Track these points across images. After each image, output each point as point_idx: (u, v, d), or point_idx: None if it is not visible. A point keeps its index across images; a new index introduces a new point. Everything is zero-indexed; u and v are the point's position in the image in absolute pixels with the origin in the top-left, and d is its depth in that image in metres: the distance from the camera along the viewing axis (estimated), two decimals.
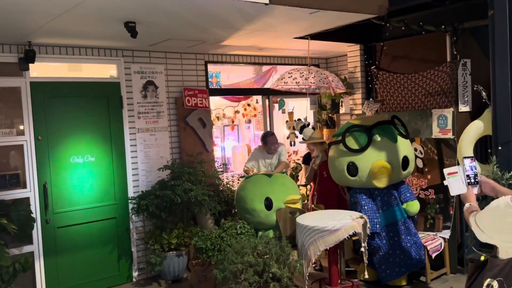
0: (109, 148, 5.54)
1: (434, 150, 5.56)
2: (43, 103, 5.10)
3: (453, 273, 5.39)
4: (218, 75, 7.78)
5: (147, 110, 5.78)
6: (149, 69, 5.80)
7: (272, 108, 7.57)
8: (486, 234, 2.43)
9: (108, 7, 3.70)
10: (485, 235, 2.43)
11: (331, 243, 4.27)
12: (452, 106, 5.30)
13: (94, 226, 5.44)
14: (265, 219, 5.14)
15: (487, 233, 2.43)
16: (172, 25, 4.47)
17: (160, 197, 5.25)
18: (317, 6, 4.06)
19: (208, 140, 6.24)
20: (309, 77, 4.96)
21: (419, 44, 5.79)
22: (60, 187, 5.21)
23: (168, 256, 5.34)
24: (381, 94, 6.11)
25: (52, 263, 5.16)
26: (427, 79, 5.53)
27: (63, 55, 5.23)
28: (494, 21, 3.62)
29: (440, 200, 5.49)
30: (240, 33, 5.03)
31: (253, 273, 3.97)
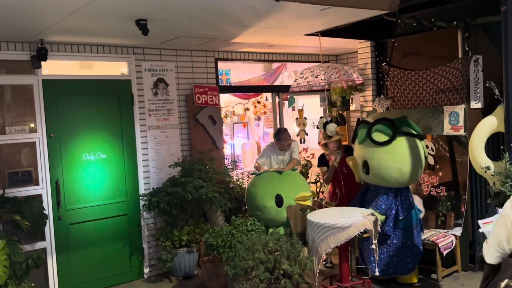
0: (120, 145, 5.57)
1: (446, 147, 5.53)
2: (55, 101, 5.14)
3: (464, 270, 5.36)
4: (228, 72, 7.80)
5: (158, 108, 5.81)
6: (159, 66, 5.83)
7: (282, 105, 7.56)
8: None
9: (120, 5, 3.72)
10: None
11: (342, 240, 4.27)
12: (463, 102, 5.26)
13: (106, 223, 5.48)
14: (275, 216, 5.15)
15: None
16: (182, 22, 4.48)
17: (171, 194, 5.28)
18: (328, 2, 4.04)
19: (218, 138, 6.25)
20: (320, 74, 4.98)
21: (430, 40, 5.75)
22: (72, 184, 5.26)
23: (179, 253, 5.37)
24: (392, 91, 6.08)
25: (64, 259, 5.21)
26: (439, 75, 5.49)
27: (75, 53, 5.26)
28: (507, 17, 3.57)
29: (452, 197, 5.47)
30: (250, 30, 5.03)
31: (264, 270, 3.98)
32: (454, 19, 5.21)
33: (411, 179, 4.87)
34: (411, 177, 4.82)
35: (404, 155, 4.76)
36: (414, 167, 4.79)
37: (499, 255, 2.47)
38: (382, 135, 4.80)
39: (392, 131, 4.76)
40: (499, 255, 2.47)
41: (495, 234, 2.50)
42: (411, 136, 4.81)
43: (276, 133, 5.89)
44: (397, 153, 4.77)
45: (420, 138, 4.88)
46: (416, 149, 4.81)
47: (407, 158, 4.75)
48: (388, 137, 4.75)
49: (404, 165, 4.75)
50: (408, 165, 4.76)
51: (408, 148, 4.78)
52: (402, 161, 4.74)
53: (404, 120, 4.93)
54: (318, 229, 4.35)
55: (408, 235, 4.88)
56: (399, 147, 4.77)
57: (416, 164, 4.80)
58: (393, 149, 4.77)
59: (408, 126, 4.88)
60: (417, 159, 4.80)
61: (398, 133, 4.76)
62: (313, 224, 4.41)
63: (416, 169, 4.82)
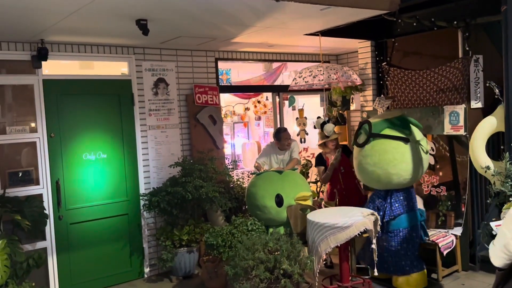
0: (120, 145, 5.58)
1: (446, 147, 5.53)
2: (55, 101, 5.14)
3: (464, 270, 5.36)
4: (228, 72, 7.80)
5: (158, 108, 5.81)
6: (160, 66, 5.83)
7: (282, 105, 7.56)
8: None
9: (120, 5, 3.72)
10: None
11: (342, 240, 4.27)
12: (464, 102, 5.26)
13: (106, 223, 5.49)
14: (275, 216, 5.15)
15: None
16: (183, 22, 4.49)
17: (171, 194, 5.29)
18: (328, 2, 4.04)
19: (218, 137, 6.25)
20: (318, 74, 5.02)
21: (430, 40, 5.75)
22: (72, 183, 5.26)
23: (179, 253, 5.38)
24: (392, 90, 6.08)
25: (65, 259, 5.22)
26: (439, 75, 5.49)
27: (75, 52, 5.27)
28: (507, 17, 3.58)
29: (452, 197, 5.46)
30: (250, 30, 5.03)
31: (264, 270, 3.98)
32: (454, 19, 5.21)
33: (390, 182, 4.78)
34: (388, 179, 4.75)
35: (376, 158, 4.74)
36: (390, 169, 4.71)
37: (506, 257, 2.44)
38: (362, 137, 4.87)
39: (367, 134, 4.81)
40: (506, 257, 2.44)
41: (502, 235, 2.46)
42: (388, 139, 4.75)
43: (275, 133, 5.89)
44: (369, 155, 4.80)
45: (404, 140, 4.74)
46: (393, 152, 4.71)
47: (380, 161, 4.72)
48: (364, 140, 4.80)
49: (376, 167, 4.75)
50: (382, 167, 4.72)
51: (381, 151, 4.74)
52: (374, 164, 4.75)
53: (397, 120, 4.87)
54: (318, 228, 4.35)
55: (400, 239, 4.84)
56: (371, 150, 4.80)
57: (391, 167, 4.70)
58: (366, 151, 4.83)
59: (396, 128, 4.81)
60: (392, 161, 4.69)
61: (372, 135, 4.77)
62: (313, 224, 4.41)
63: (395, 171, 4.71)
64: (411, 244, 4.88)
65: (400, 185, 4.82)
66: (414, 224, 4.91)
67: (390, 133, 4.80)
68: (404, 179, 4.75)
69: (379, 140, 4.79)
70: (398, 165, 4.70)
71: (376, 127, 4.84)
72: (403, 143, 4.74)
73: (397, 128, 4.82)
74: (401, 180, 4.75)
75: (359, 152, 4.94)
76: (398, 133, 4.78)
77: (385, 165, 4.72)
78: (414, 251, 4.89)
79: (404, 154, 4.72)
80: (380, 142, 4.79)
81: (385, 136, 4.78)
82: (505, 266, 2.49)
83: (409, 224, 4.88)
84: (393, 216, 4.84)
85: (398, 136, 4.77)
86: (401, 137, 4.76)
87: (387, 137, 4.77)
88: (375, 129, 4.82)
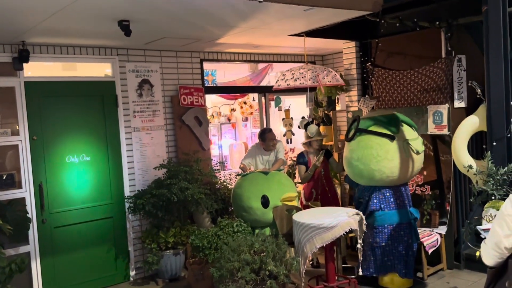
0: (104, 147, 5.52)
1: (430, 146, 5.56)
2: (37, 103, 5.08)
3: (449, 268, 5.41)
4: (214, 73, 7.79)
5: (143, 109, 5.77)
6: (144, 67, 5.79)
7: (268, 106, 7.57)
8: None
9: (101, 5, 3.69)
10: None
11: (327, 240, 4.29)
12: (447, 102, 5.30)
13: (91, 226, 5.43)
14: (261, 217, 5.15)
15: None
16: (166, 23, 4.46)
17: (157, 196, 5.25)
18: (311, 3, 4.05)
19: (204, 139, 6.23)
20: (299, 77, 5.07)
21: (414, 40, 5.79)
22: (56, 187, 5.20)
23: (165, 255, 5.34)
24: (376, 90, 6.11)
25: (48, 263, 5.15)
26: (423, 75, 5.54)
27: (58, 54, 5.21)
28: (488, 17, 3.62)
29: (436, 196, 5.50)
30: (235, 30, 5.02)
31: (249, 271, 3.97)
32: (436, 19, 5.26)
33: (373, 178, 4.77)
34: (370, 175, 4.76)
35: (360, 153, 4.78)
36: (372, 165, 4.71)
37: (498, 255, 2.44)
38: (351, 131, 4.90)
39: (354, 129, 4.85)
40: (498, 255, 2.44)
41: (493, 233, 2.46)
42: (373, 135, 4.76)
43: (260, 134, 5.89)
44: (354, 150, 4.84)
45: (389, 137, 4.71)
46: (376, 147, 4.70)
47: (363, 156, 4.75)
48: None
49: (360, 162, 4.78)
50: (364, 163, 4.74)
51: (365, 146, 4.76)
52: (358, 158, 4.79)
53: (388, 118, 4.85)
54: (304, 229, 4.36)
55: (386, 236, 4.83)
56: (357, 145, 4.84)
57: (374, 163, 4.70)
58: (353, 146, 4.87)
59: (384, 125, 4.78)
60: (375, 157, 4.69)
61: (358, 130, 4.81)
62: (299, 224, 4.41)
63: (376, 167, 4.70)
64: (398, 242, 4.83)
65: (383, 182, 4.79)
66: (402, 222, 4.85)
67: (376, 129, 4.79)
68: (386, 176, 4.73)
69: (365, 135, 4.81)
70: (380, 162, 4.69)
71: (363, 123, 4.86)
72: (388, 140, 4.72)
73: (384, 125, 4.79)
74: (383, 177, 4.73)
75: (347, 147, 5.00)
76: (384, 130, 4.76)
77: (367, 160, 4.73)
78: (403, 250, 4.82)
79: (389, 151, 4.70)
80: (366, 137, 4.80)
81: (371, 132, 4.79)
82: (497, 265, 2.49)
83: (396, 222, 4.84)
84: (368, 212, 4.82)
85: (383, 133, 4.74)
86: (386, 134, 4.73)
87: (372, 133, 4.78)
88: (362, 125, 4.84)
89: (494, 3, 3.57)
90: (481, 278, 5.05)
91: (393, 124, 4.81)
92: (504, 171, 3.49)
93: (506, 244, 2.39)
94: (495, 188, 3.47)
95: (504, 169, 3.49)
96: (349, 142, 4.92)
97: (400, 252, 4.83)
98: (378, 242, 4.83)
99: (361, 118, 4.94)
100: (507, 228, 2.38)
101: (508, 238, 2.38)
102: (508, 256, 2.45)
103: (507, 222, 2.39)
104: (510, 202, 2.42)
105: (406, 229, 4.85)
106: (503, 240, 2.39)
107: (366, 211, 4.84)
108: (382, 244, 4.82)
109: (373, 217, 4.83)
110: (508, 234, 2.38)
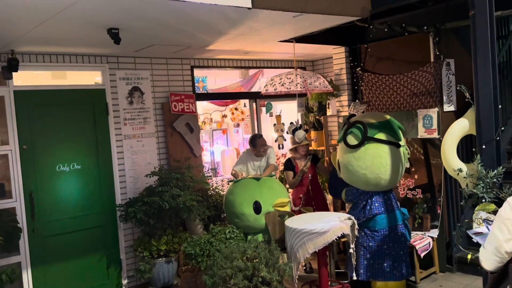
0: (95, 155, 5.50)
1: (421, 150, 5.60)
2: (27, 112, 5.05)
3: (442, 272, 5.43)
4: (205, 79, 7.78)
5: (134, 117, 5.76)
6: (134, 75, 5.78)
7: (259, 112, 7.57)
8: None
9: (90, 14, 3.68)
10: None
11: (320, 245, 4.28)
12: (437, 106, 5.34)
13: (82, 235, 5.39)
14: (254, 223, 5.13)
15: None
16: (155, 30, 4.46)
17: (148, 204, 5.22)
18: (300, 9, 4.08)
19: (195, 145, 6.22)
20: (287, 82, 5.08)
21: (403, 45, 5.83)
22: (46, 196, 5.16)
23: (157, 263, 5.31)
24: (366, 95, 6.15)
25: (40, 273, 5.10)
26: (412, 79, 5.58)
27: (47, 63, 5.19)
28: (475, 21, 3.66)
29: (428, 199, 5.53)
30: (225, 37, 5.03)
31: (242, 278, 3.95)
32: (424, 24, 5.30)
33: (378, 185, 4.76)
34: (377, 183, 4.73)
35: (369, 162, 4.66)
36: (381, 174, 4.68)
37: (498, 259, 2.40)
38: (353, 138, 4.77)
39: (362, 136, 4.72)
40: (498, 260, 2.40)
41: (493, 237, 2.42)
42: (382, 143, 4.70)
43: (251, 140, 5.91)
44: (361, 158, 4.70)
45: (396, 145, 4.71)
46: (386, 157, 4.67)
47: (372, 165, 4.65)
48: (357, 142, 4.71)
49: (368, 171, 4.67)
50: (373, 172, 4.67)
51: (375, 155, 4.68)
52: (366, 167, 4.67)
53: (387, 124, 4.80)
54: (296, 235, 4.35)
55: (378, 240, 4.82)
56: (364, 153, 4.70)
57: (383, 172, 4.67)
58: (360, 154, 4.71)
59: (387, 131, 4.75)
60: (384, 166, 4.67)
61: (366, 139, 4.68)
62: (291, 230, 4.41)
63: (385, 176, 4.68)
64: (397, 243, 4.81)
65: (383, 187, 4.81)
66: (399, 223, 4.85)
67: (383, 137, 4.72)
68: (390, 183, 4.76)
69: (373, 143, 4.69)
70: (388, 171, 4.66)
71: (370, 129, 4.76)
72: (394, 147, 4.71)
73: (388, 132, 4.75)
74: (387, 184, 4.76)
75: (351, 154, 4.80)
76: (390, 138, 4.73)
77: (376, 169, 4.65)
78: (401, 250, 4.82)
79: (394, 159, 4.69)
80: (374, 146, 4.69)
81: (379, 140, 4.71)
82: (497, 269, 2.45)
83: (395, 223, 4.83)
84: (371, 216, 4.79)
85: (392, 141, 4.71)
86: (393, 142, 4.71)
87: (381, 141, 4.70)
88: (370, 132, 4.74)
89: (481, 7, 3.60)
90: (473, 281, 5.07)
91: (394, 131, 4.77)
92: (493, 174, 3.51)
93: (507, 249, 2.34)
94: (485, 191, 3.48)
95: (494, 172, 3.51)
96: (354, 149, 4.78)
97: (398, 252, 4.81)
98: (380, 245, 4.80)
99: (364, 122, 4.83)
100: (508, 232, 2.34)
101: (508, 242, 2.34)
102: (508, 261, 2.42)
103: (507, 226, 2.35)
104: (509, 205, 2.38)
105: (402, 229, 4.88)
106: (504, 244, 2.35)
107: (365, 216, 4.81)
108: (384, 247, 4.79)
109: (375, 221, 4.80)
110: (508, 238, 2.34)
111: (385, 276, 4.81)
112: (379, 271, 4.83)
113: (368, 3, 4.64)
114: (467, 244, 4.63)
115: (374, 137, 4.71)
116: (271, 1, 3.85)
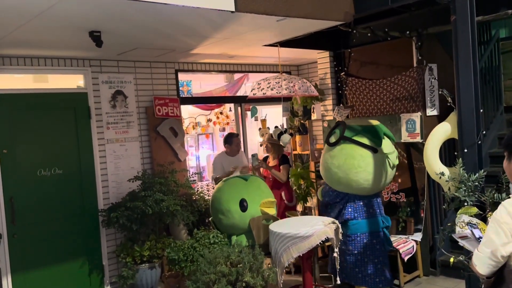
0: (77, 160, 5.42)
1: (404, 154, 5.63)
2: (8, 116, 4.97)
3: (426, 275, 5.45)
4: (189, 83, 7.76)
5: (117, 120, 5.70)
6: (117, 78, 5.72)
7: (244, 116, 7.56)
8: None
9: (72, 16, 3.63)
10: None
11: (304, 249, 4.27)
12: (420, 110, 5.38)
13: (64, 240, 5.31)
14: (239, 221, 5.05)
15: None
16: (138, 33, 4.42)
17: (131, 209, 5.15)
18: (283, 13, 4.08)
19: (180, 149, 6.18)
20: (276, 87, 5.10)
21: (386, 50, 5.88)
22: (27, 201, 5.07)
23: (140, 269, 5.24)
24: (350, 100, 6.18)
25: (20, 279, 5.01)
26: (395, 84, 5.62)
27: (28, 66, 5.11)
28: (457, 26, 3.69)
29: (411, 203, 5.56)
30: (209, 41, 5.02)
31: (226, 283, 3.92)
32: (408, 29, 5.34)
33: (349, 187, 4.76)
34: (347, 184, 4.74)
35: (342, 161, 4.73)
36: (351, 175, 4.69)
37: (494, 264, 2.36)
38: (333, 137, 4.89)
39: (339, 135, 4.82)
40: (494, 264, 2.36)
41: (489, 241, 2.37)
42: (358, 145, 4.73)
43: (227, 137, 6.00)
44: (336, 156, 4.80)
45: (372, 150, 4.72)
46: (359, 159, 4.68)
47: (344, 164, 4.71)
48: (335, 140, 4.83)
49: (340, 170, 4.73)
50: (344, 171, 4.71)
51: (348, 155, 4.72)
52: (339, 166, 4.74)
53: (371, 129, 4.82)
54: (280, 239, 4.34)
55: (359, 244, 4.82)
56: (339, 152, 4.79)
57: (353, 173, 4.68)
58: (335, 152, 4.82)
59: (369, 136, 4.76)
60: (355, 168, 4.67)
61: (343, 138, 4.76)
62: (275, 234, 4.39)
63: (355, 178, 4.68)
64: (370, 250, 4.83)
65: (357, 191, 4.79)
66: (374, 231, 4.86)
67: (361, 140, 4.76)
68: (363, 188, 4.75)
69: (349, 144, 4.76)
70: (360, 173, 4.68)
71: (349, 131, 4.82)
72: (371, 152, 4.71)
73: (369, 137, 4.76)
74: (360, 187, 4.75)
75: (328, 151, 4.93)
76: (368, 142, 4.74)
77: (347, 169, 4.71)
78: (375, 258, 4.83)
79: (369, 164, 4.69)
80: (349, 146, 4.75)
81: (356, 141, 4.75)
82: (492, 274, 2.40)
83: (369, 230, 4.84)
84: (342, 221, 4.79)
85: (368, 144, 4.73)
86: (370, 146, 4.72)
87: (357, 143, 4.74)
88: (348, 133, 4.81)
89: (462, 12, 3.64)
90: (456, 284, 5.10)
91: (377, 136, 4.78)
92: (475, 178, 3.53)
93: (503, 253, 2.30)
94: (467, 195, 3.51)
95: (476, 176, 3.54)
96: (331, 147, 4.86)
97: (373, 260, 4.82)
98: (351, 249, 4.82)
99: (347, 125, 4.90)
100: (505, 236, 2.30)
101: (505, 246, 2.30)
102: (502, 265, 2.38)
103: (504, 230, 2.30)
104: (505, 209, 2.33)
105: (377, 237, 4.86)
106: (500, 248, 2.31)
107: (339, 219, 4.81)
108: (355, 252, 4.82)
109: (347, 226, 4.82)
110: (505, 242, 2.30)
111: (357, 282, 4.84)
112: (351, 275, 4.85)
113: (351, 8, 4.66)
114: (450, 248, 4.67)
115: (350, 138, 4.77)
116: (254, 5, 3.84)
